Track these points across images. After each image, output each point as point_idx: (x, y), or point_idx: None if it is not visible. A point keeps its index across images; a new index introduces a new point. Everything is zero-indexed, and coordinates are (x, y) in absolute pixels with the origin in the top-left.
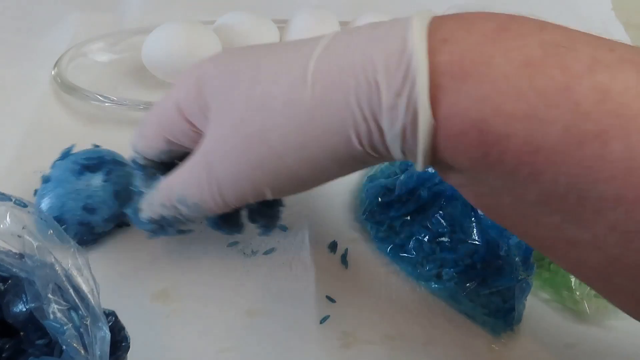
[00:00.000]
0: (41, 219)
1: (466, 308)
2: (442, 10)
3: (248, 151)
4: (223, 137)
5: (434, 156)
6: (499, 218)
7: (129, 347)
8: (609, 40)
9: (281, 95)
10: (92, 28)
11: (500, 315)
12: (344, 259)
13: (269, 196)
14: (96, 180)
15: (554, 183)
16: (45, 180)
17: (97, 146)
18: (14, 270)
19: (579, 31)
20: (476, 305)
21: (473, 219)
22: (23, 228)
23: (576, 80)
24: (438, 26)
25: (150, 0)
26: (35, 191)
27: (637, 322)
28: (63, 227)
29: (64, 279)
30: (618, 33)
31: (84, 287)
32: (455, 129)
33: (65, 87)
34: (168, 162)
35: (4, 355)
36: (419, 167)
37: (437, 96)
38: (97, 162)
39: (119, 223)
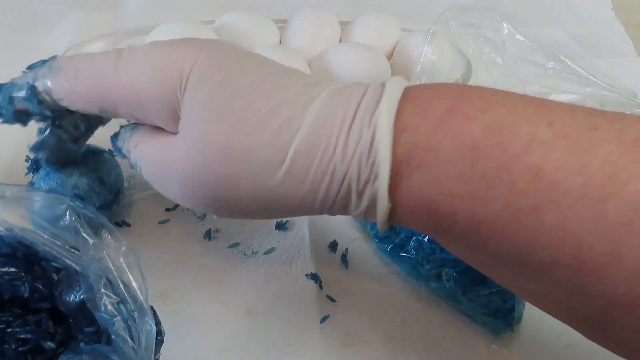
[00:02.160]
0: (97, 219)
1: (466, 308)
2: (442, 9)
3: (214, 187)
4: (192, 158)
5: (392, 221)
6: (466, 262)
7: (163, 341)
8: (553, 109)
9: (263, 162)
10: (92, 28)
11: (500, 315)
12: (344, 259)
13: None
14: (77, 169)
15: (498, 250)
16: (30, 184)
17: None
18: (70, 263)
19: (526, 102)
20: (476, 305)
21: None
22: (80, 226)
23: (513, 161)
24: (401, 113)
25: (150, 0)
26: None
27: None
28: None
29: (115, 274)
30: (618, 33)
31: (134, 284)
32: (409, 208)
33: None
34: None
35: (57, 338)
36: (378, 227)
37: (395, 182)
38: None
39: (119, 222)
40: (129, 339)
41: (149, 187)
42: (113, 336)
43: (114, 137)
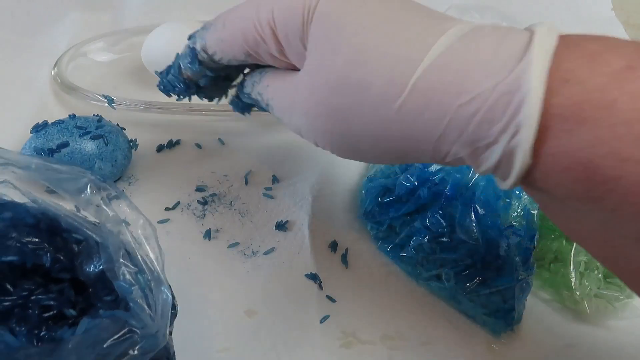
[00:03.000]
0: (115, 192)
1: (466, 308)
2: (442, 9)
3: (328, 119)
4: (312, 90)
5: (526, 181)
6: (581, 240)
7: (176, 314)
8: None
9: (377, 93)
10: (92, 28)
11: (500, 315)
12: (344, 259)
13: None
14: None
15: None
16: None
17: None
18: (91, 234)
19: None
20: (476, 305)
21: (473, 218)
22: (101, 199)
23: None
24: (561, 61)
25: (150, 0)
26: None
27: (637, 322)
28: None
29: (133, 245)
30: (618, 33)
31: (151, 255)
32: (557, 168)
33: (65, 87)
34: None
35: (78, 307)
36: (504, 186)
37: (544, 136)
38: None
39: None
40: (146, 306)
41: (149, 186)
42: (131, 304)
43: (240, 85)
